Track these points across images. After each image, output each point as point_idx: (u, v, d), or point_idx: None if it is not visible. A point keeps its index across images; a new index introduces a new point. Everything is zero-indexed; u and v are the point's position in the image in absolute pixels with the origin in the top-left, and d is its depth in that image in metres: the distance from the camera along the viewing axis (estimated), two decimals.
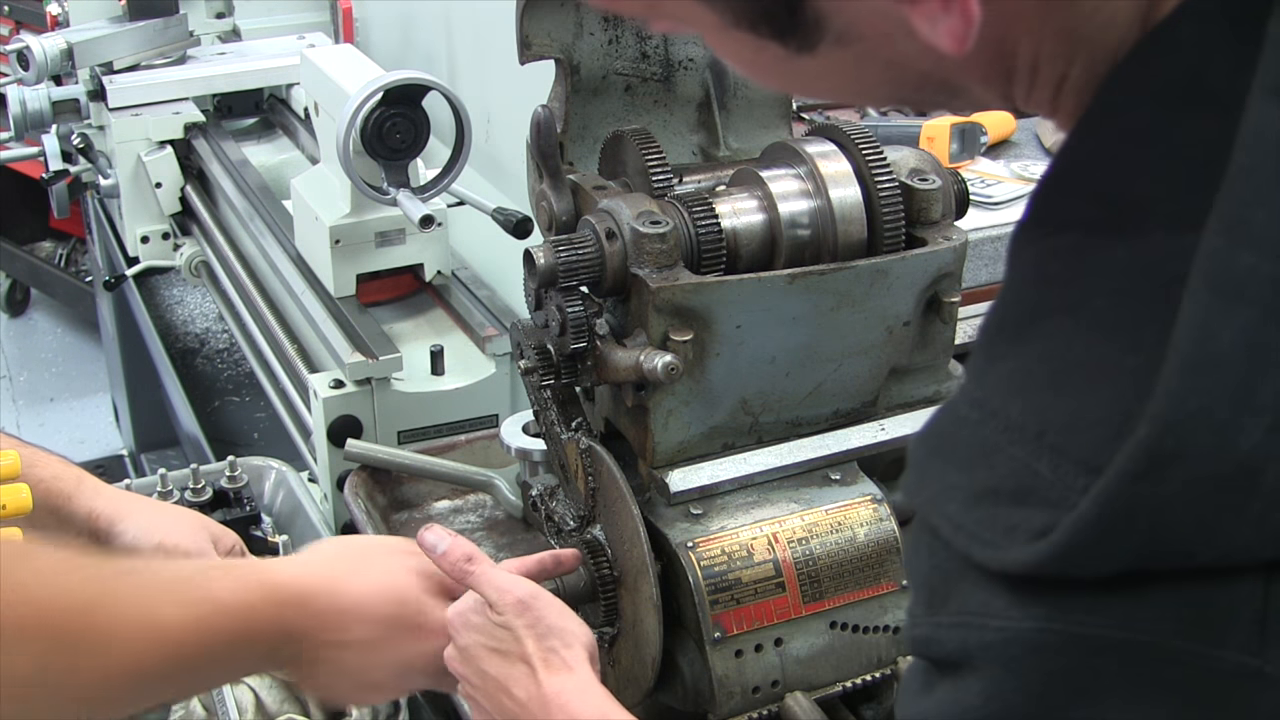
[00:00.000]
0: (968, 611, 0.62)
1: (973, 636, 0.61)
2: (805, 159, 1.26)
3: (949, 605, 0.63)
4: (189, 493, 1.86)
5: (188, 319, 3.25)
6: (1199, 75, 0.59)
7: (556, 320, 1.21)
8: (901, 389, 1.35)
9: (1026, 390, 0.62)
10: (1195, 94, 0.59)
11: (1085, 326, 0.60)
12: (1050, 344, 0.62)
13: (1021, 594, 0.59)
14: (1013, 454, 0.61)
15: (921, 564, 0.66)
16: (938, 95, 0.70)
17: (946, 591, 0.63)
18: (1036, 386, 0.61)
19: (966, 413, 0.65)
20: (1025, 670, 0.59)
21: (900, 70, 0.66)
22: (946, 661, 0.63)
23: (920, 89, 0.69)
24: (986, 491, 0.61)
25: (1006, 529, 0.60)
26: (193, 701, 1.60)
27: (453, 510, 1.81)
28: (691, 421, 1.24)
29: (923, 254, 1.25)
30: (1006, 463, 0.61)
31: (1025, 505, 0.59)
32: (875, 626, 1.25)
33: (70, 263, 5.16)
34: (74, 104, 2.99)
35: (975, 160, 2.39)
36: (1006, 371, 0.63)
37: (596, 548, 1.28)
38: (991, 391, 0.64)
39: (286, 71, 2.93)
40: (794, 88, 0.72)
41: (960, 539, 0.62)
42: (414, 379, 2.05)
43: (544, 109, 1.28)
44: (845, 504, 1.27)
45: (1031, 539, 0.58)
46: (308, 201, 2.22)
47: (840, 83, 0.70)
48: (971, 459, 0.63)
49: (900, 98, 0.72)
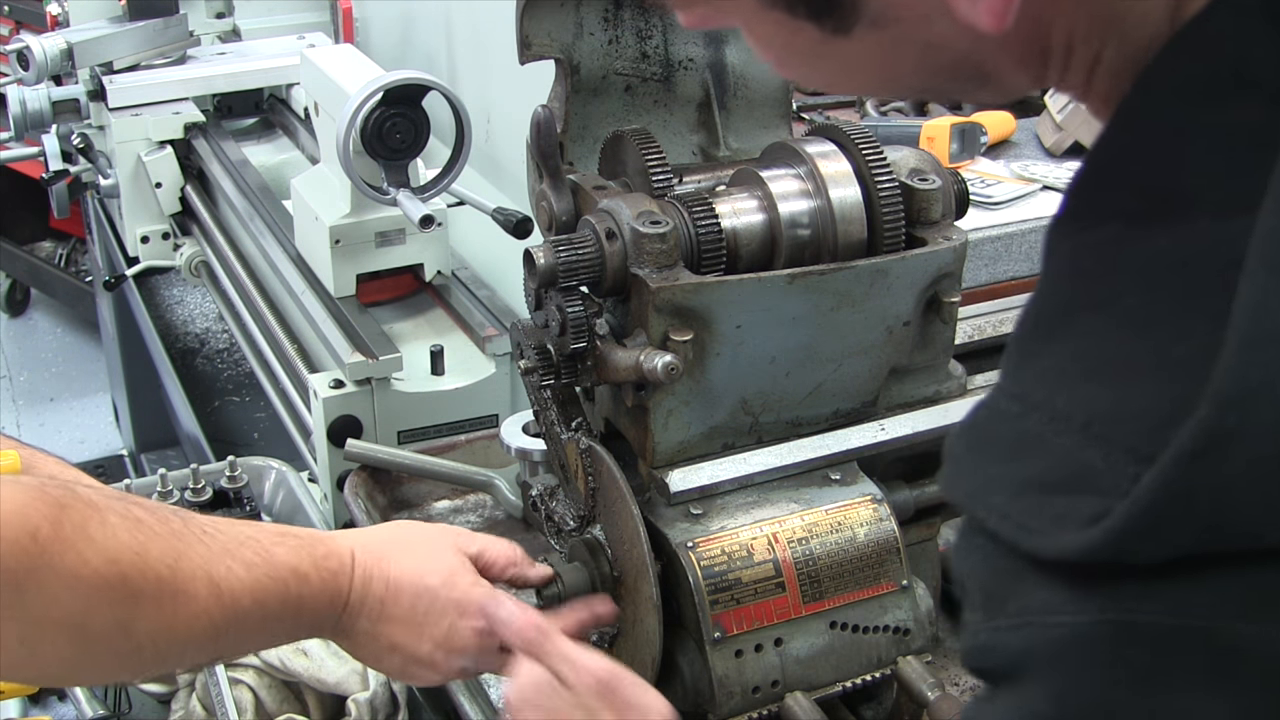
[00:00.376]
0: (1029, 611, 0.60)
1: (1036, 636, 0.60)
2: (805, 159, 1.26)
3: (1008, 607, 0.62)
4: (189, 493, 1.87)
5: (188, 319, 3.25)
6: (1240, 65, 0.59)
7: (556, 320, 1.21)
8: (901, 389, 1.35)
9: (1069, 382, 0.61)
10: (1236, 83, 0.59)
11: (1125, 319, 0.60)
12: (1091, 337, 0.61)
13: (1079, 587, 0.58)
14: (1059, 444, 0.60)
15: (975, 569, 0.64)
16: (968, 83, 0.70)
17: (1005, 594, 0.62)
18: (1079, 379, 0.61)
19: (1006, 406, 0.64)
20: (1087, 666, 0.58)
21: (936, 54, 0.66)
22: (1006, 671, 0.62)
23: (954, 75, 0.69)
24: (1033, 482, 0.61)
25: (1055, 517, 0.59)
26: (192, 701, 1.60)
27: (453, 510, 1.81)
28: (691, 421, 1.24)
29: (923, 254, 1.25)
30: (1052, 453, 0.60)
31: (1075, 493, 0.58)
32: (875, 626, 1.25)
33: (70, 263, 5.16)
34: (74, 104, 3.00)
35: (975, 160, 2.39)
36: (1047, 366, 0.63)
37: (596, 548, 1.28)
38: (1032, 385, 0.63)
39: (286, 71, 2.93)
40: (824, 76, 0.72)
41: (1007, 528, 0.61)
42: (414, 379, 2.05)
43: (544, 109, 1.28)
44: (845, 504, 1.27)
45: (1084, 525, 0.57)
46: (308, 201, 2.22)
47: (873, 68, 0.70)
48: (1015, 451, 0.62)
49: (930, 87, 0.72)
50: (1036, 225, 2.14)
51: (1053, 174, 2.32)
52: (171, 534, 1.02)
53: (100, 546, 0.96)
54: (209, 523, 1.07)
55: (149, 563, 0.98)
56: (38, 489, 0.95)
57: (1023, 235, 2.13)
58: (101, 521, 0.97)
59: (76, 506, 0.96)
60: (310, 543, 1.14)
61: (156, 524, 1.02)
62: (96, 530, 0.96)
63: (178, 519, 1.04)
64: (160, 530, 1.01)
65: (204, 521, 1.07)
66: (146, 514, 1.02)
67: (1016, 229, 2.13)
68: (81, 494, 0.98)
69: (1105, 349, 0.60)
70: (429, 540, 1.23)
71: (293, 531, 1.15)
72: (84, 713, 1.60)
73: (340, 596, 1.14)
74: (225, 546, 1.05)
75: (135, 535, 0.99)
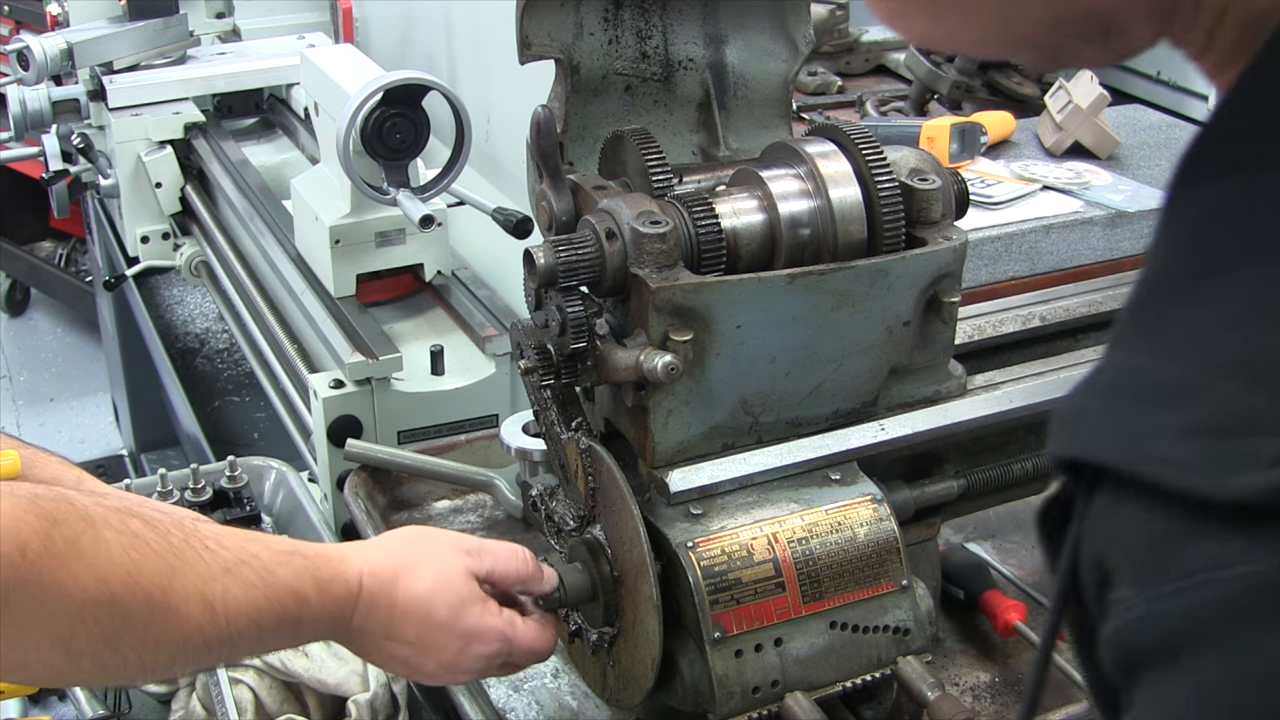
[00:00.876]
0: (1198, 569, 0.56)
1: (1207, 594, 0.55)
2: (805, 159, 1.26)
3: (1171, 571, 0.57)
4: (189, 493, 1.86)
5: (188, 319, 3.25)
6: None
7: (556, 320, 1.21)
8: (901, 389, 1.35)
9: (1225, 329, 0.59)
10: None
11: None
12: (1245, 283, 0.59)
13: (1256, 533, 0.54)
14: (1222, 390, 0.57)
15: (1124, 538, 0.59)
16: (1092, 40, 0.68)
17: (1166, 557, 0.57)
18: (1235, 325, 0.58)
19: (1144, 363, 0.62)
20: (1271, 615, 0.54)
21: (1065, 6, 0.65)
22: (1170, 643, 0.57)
23: (1079, 30, 0.67)
24: (1196, 428, 0.57)
25: (1230, 460, 0.56)
26: (193, 701, 1.60)
27: (453, 510, 1.81)
28: (691, 421, 1.24)
29: (923, 254, 1.25)
30: (1214, 400, 0.57)
31: (1248, 436, 0.55)
32: (875, 626, 1.25)
33: (70, 263, 5.16)
34: (74, 104, 2.99)
35: (975, 160, 2.39)
36: (1196, 316, 0.60)
37: (596, 548, 1.28)
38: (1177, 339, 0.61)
39: (286, 71, 2.93)
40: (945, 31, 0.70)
41: (1174, 474, 0.57)
42: (414, 379, 2.05)
43: (544, 109, 1.28)
44: (845, 504, 1.27)
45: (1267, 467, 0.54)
46: (308, 201, 2.22)
47: (997, 23, 0.68)
48: (1170, 400, 0.59)
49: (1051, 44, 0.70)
50: (1036, 225, 2.14)
51: (1053, 174, 2.32)
52: (170, 550, 1.01)
53: (90, 563, 0.95)
54: (213, 537, 1.06)
55: (140, 582, 0.98)
56: (30, 501, 0.94)
57: (1023, 235, 2.13)
58: (95, 537, 0.96)
59: (69, 521, 0.95)
60: (316, 564, 1.12)
61: (155, 539, 1.01)
62: (89, 546, 0.95)
63: (179, 533, 1.03)
64: (158, 546, 1.00)
65: (208, 536, 1.06)
66: (146, 528, 1.01)
67: (1016, 229, 2.13)
68: (78, 506, 0.97)
69: (1262, 293, 0.58)
70: (440, 563, 1.21)
71: (300, 549, 1.13)
72: (84, 713, 1.60)
73: (343, 619, 1.15)
74: (225, 565, 1.05)
75: (129, 553, 0.98)
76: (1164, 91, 3.18)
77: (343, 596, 1.14)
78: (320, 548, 1.17)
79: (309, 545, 1.16)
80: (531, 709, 1.44)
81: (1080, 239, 2.17)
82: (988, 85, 3.07)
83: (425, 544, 1.24)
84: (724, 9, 1.41)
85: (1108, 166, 2.40)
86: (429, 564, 1.21)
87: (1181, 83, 3.20)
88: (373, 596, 1.15)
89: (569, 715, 1.44)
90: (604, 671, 1.33)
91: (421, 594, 1.18)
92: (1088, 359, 1.47)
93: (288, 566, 1.10)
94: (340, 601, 1.14)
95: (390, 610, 1.16)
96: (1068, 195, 2.25)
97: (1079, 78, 2.54)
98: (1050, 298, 1.59)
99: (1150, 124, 2.64)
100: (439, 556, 1.22)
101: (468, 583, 1.21)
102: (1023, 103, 3.00)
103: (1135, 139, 2.54)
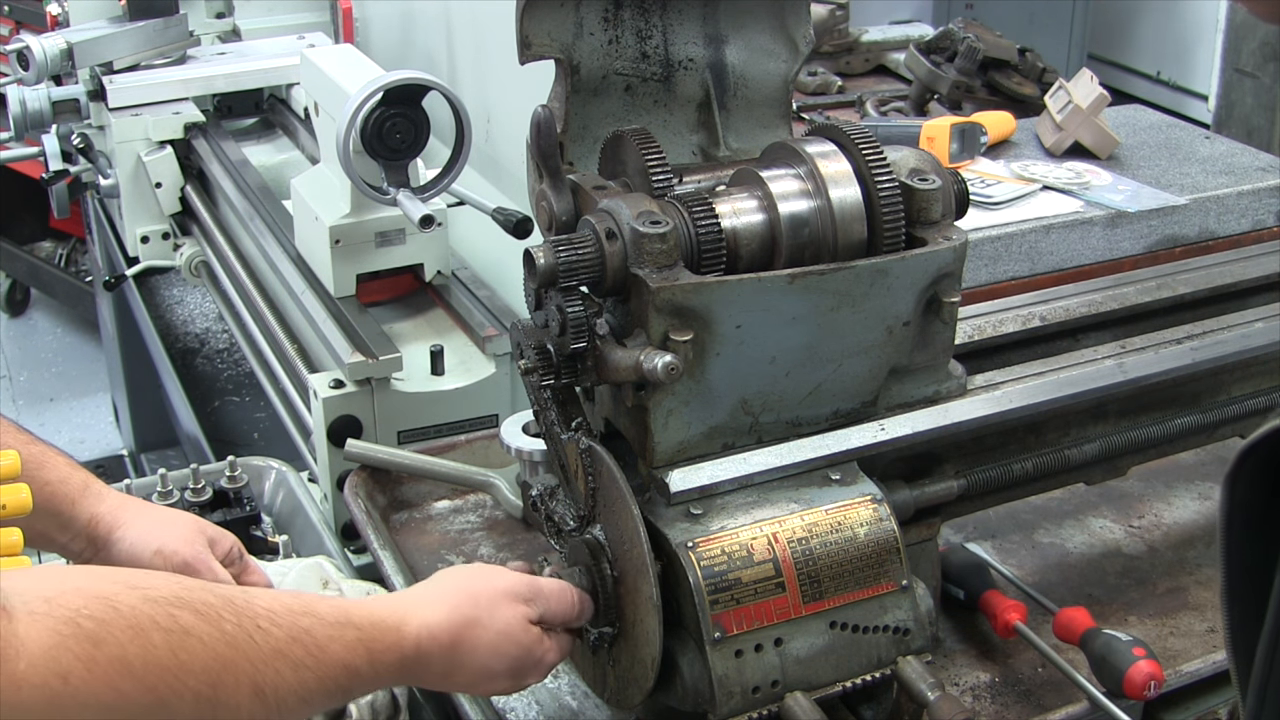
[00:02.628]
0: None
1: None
2: (805, 159, 1.26)
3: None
4: (189, 493, 1.86)
5: (188, 319, 3.25)
6: None
7: (556, 320, 1.21)
8: (901, 389, 1.35)
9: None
10: None
11: None
12: None
13: None
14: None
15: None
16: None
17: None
18: None
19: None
20: None
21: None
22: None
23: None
24: None
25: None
26: None
27: (453, 510, 1.81)
28: (691, 421, 1.24)
29: (923, 254, 1.25)
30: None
31: None
32: (875, 626, 1.25)
33: (70, 263, 5.16)
34: (74, 104, 3.00)
35: (975, 160, 2.39)
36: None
37: (596, 548, 1.28)
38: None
39: (286, 71, 2.93)
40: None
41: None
42: (414, 379, 2.05)
43: (544, 109, 1.28)
44: (845, 504, 1.27)
45: None
46: (308, 201, 2.22)
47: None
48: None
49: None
50: (1036, 225, 2.14)
51: (1053, 174, 2.32)
52: (222, 639, 0.99)
53: (139, 677, 0.93)
54: (265, 614, 1.04)
55: (188, 684, 0.96)
56: (69, 623, 0.91)
57: (1023, 235, 2.13)
58: (143, 646, 0.94)
59: (114, 637, 0.93)
60: (371, 635, 1.11)
61: (206, 631, 0.98)
62: (136, 658, 0.93)
63: (231, 617, 1.01)
64: (208, 639, 0.98)
65: (260, 614, 1.03)
66: (197, 620, 0.98)
67: (1016, 229, 2.13)
68: (124, 613, 0.94)
69: None
70: (500, 618, 1.21)
71: (354, 618, 1.11)
72: None
73: (396, 681, 1.17)
74: (276, 646, 1.03)
75: (178, 655, 0.96)
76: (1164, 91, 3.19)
77: (396, 665, 1.13)
78: (374, 611, 1.14)
79: (362, 609, 1.13)
80: (531, 709, 1.44)
81: (1080, 239, 2.17)
82: (988, 85, 3.08)
83: (483, 595, 1.22)
84: (724, 9, 1.41)
85: (1108, 166, 2.40)
86: (489, 623, 1.20)
87: (1181, 83, 3.21)
88: (429, 658, 1.16)
89: (569, 715, 1.44)
90: (604, 671, 1.33)
91: (483, 655, 1.19)
92: (1088, 359, 1.47)
93: (340, 641, 1.08)
94: (394, 670, 1.14)
95: (448, 667, 1.18)
96: (1068, 195, 2.25)
97: (1079, 78, 2.54)
98: (1050, 298, 1.59)
99: (1150, 124, 2.64)
100: (498, 610, 1.21)
101: (527, 632, 1.22)
102: (1023, 103, 3.00)
103: (1135, 139, 2.54)
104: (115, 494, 1.45)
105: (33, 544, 1.26)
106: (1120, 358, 1.47)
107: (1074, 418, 1.50)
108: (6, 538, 1.17)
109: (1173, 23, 4.92)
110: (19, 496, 1.18)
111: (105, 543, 1.40)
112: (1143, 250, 2.21)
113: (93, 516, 1.40)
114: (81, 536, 1.40)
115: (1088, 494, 1.76)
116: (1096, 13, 4.99)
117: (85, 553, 1.40)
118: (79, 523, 1.39)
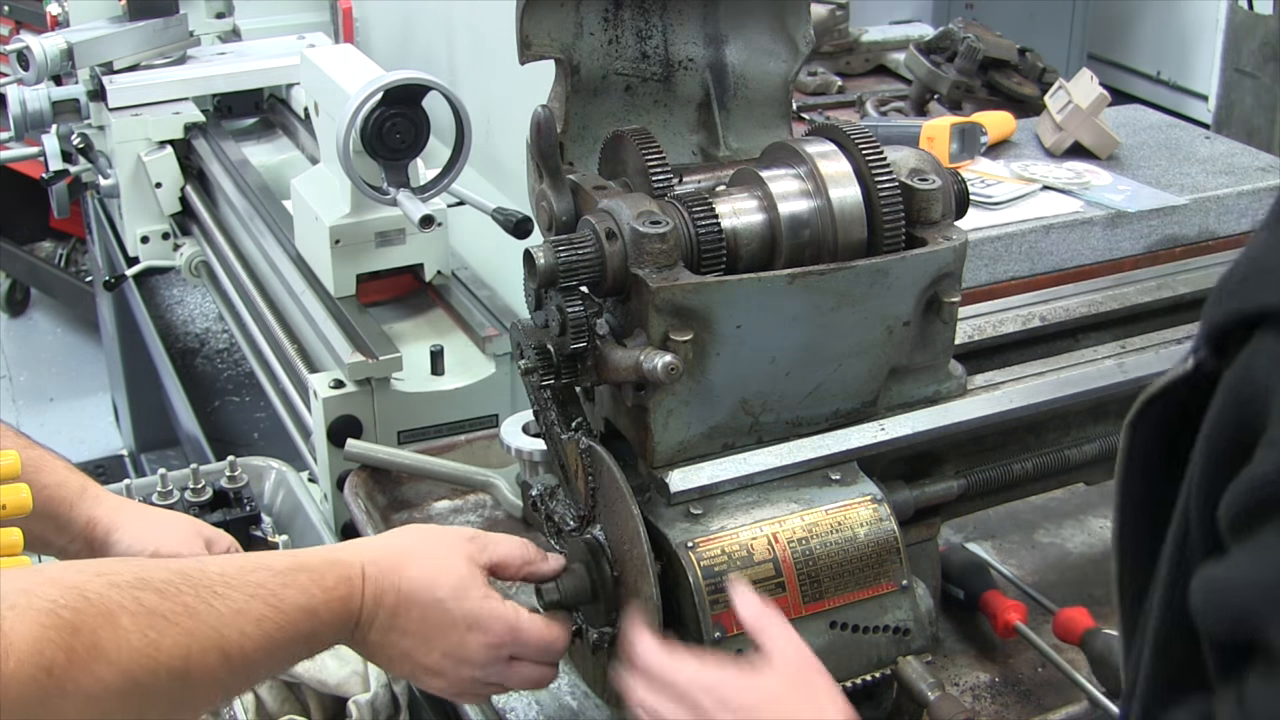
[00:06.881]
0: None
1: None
2: (805, 159, 1.26)
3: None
4: (189, 493, 1.86)
5: (188, 319, 3.25)
6: None
7: (556, 320, 1.21)
8: (901, 389, 1.35)
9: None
10: None
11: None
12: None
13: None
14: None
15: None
16: None
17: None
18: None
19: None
20: None
21: None
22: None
23: None
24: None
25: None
26: None
27: (453, 510, 1.81)
28: (691, 421, 1.24)
29: (923, 254, 1.25)
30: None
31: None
32: (875, 626, 1.25)
33: (70, 263, 5.16)
34: (74, 104, 3.00)
35: (975, 160, 2.39)
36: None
37: (596, 548, 1.28)
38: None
39: (286, 71, 2.93)
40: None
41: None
42: (414, 379, 2.05)
43: (544, 109, 1.28)
44: (845, 504, 1.27)
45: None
46: (308, 201, 2.22)
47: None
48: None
49: None
50: (1036, 225, 2.14)
51: (1053, 174, 2.32)
52: (184, 611, 1.01)
53: (113, 661, 0.95)
54: (219, 578, 1.06)
55: (160, 660, 0.99)
56: (49, 614, 0.93)
57: (1023, 235, 2.13)
58: (114, 630, 0.96)
59: (88, 625, 0.95)
60: (321, 572, 1.13)
61: (169, 608, 1.01)
62: (109, 643, 0.95)
63: (189, 588, 1.03)
64: (172, 614, 1.01)
65: (214, 578, 1.06)
66: (159, 599, 1.01)
67: (1016, 229, 2.13)
68: (94, 600, 0.96)
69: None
70: (442, 550, 1.22)
71: (305, 562, 1.14)
72: None
73: (350, 618, 1.15)
74: (236, 607, 1.05)
75: (147, 634, 0.98)
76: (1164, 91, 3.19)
77: (348, 596, 1.14)
78: (323, 552, 1.17)
79: (312, 554, 1.16)
80: (531, 709, 1.44)
81: (1080, 239, 2.17)
82: (988, 85, 3.08)
83: (426, 535, 1.26)
84: (724, 9, 1.41)
85: (1108, 166, 2.40)
86: (431, 551, 1.22)
87: (1181, 83, 3.21)
88: (377, 586, 1.16)
89: (569, 715, 1.44)
90: (604, 671, 1.33)
91: (424, 577, 1.18)
92: (1088, 359, 1.47)
93: (294, 586, 1.10)
94: (346, 601, 1.14)
95: (395, 596, 1.17)
96: (1068, 195, 2.25)
97: (1079, 78, 2.54)
98: (1050, 298, 1.59)
99: (1150, 124, 2.64)
100: (440, 544, 1.23)
101: (470, 567, 1.21)
102: (1023, 103, 3.00)
103: (1135, 139, 2.54)
104: (112, 496, 1.45)
105: (31, 547, 1.26)
106: (1120, 358, 1.47)
107: (1074, 418, 1.50)
108: (7, 537, 1.17)
109: (1172, 23, 4.92)
110: (19, 496, 1.18)
111: (103, 545, 1.40)
112: (1143, 250, 2.22)
113: (90, 519, 1.41)
114: (79, 539, 1.40)
115: (1088, 494, 1.76)
116: (1096, 13, 4.99)
117: (83, 555, 1.40)
118: (77, 525, 1.40)
